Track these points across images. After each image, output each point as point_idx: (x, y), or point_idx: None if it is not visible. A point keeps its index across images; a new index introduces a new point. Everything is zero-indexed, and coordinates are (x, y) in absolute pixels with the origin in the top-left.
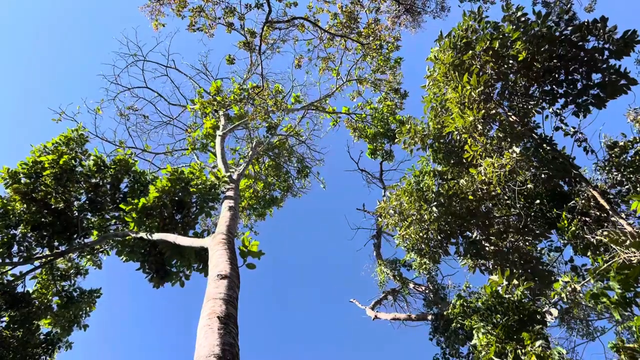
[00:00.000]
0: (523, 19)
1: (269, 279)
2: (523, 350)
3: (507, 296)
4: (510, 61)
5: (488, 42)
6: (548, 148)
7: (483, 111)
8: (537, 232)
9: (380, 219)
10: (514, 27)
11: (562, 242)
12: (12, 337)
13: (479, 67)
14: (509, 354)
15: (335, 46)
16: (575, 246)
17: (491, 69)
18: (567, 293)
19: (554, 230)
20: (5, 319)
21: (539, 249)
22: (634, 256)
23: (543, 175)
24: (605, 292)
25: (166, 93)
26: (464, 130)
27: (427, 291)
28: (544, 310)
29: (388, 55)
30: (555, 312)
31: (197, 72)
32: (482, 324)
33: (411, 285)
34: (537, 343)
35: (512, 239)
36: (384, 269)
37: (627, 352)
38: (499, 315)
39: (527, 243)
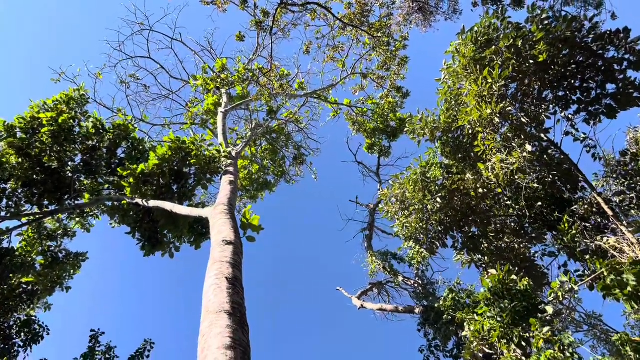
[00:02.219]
0: (547, 21)
1: (255, 265)
2: (529, 335)
3: (512, 285)
4: (531, 61)
5: (512, 40)
6: (554, 153)
7: (501, 105)
8: (533, 235)
9: (374, 211)
10: (539, 28)
11: (556, 247)
12: None
13: (499, 63)
14: (515, 338)
15: (345, 35)
16: (571, 250)
17: (512, 66)
18: (563, 293)
19: (550, 235)
20: None
21: (532, 252)
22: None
23: (549, 179)
24: (620, 283)
25: (168, 66)
26: (478, 124)
27: (415, 285)
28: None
29: (395, 53)
30: (550, 309)
31: (202, 48)
32: (486, 308)
33: (400, 278)
34: (545, 329)
35: (508, 240)
36: (376, 260)
37: (632, 345)
38: (507, 301)
39: (521, 245)
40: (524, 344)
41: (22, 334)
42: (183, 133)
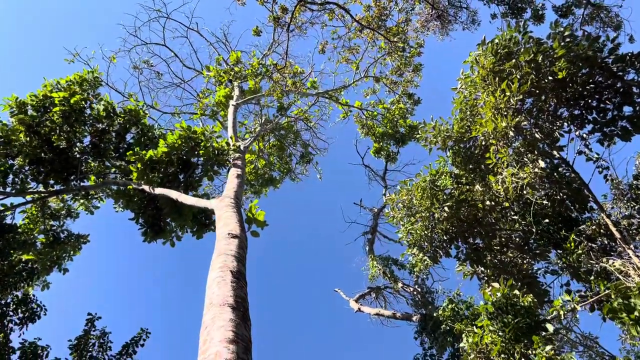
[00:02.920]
0: (569, 39)
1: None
2: (531, 352)
3: (515, 300)
4: (549, 77)
5: (532, 55)
6: (564, 171)
7: (517, 119)
8: (537, 251)
9: (378, 215)
10: (561, 45)
11: (559, 265)
12: None
13: (518, 77)
14: (516, 354)
15: (361, 38)
16: (574, 270)
17: (531, 81)
18: (565, 312)
19: (554, 253)
20: None
21: (535, 268)
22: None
23: (558, 197)
24: (627, 307)
25: (182, 55)
26: (491, 136)
27: (414, 292)
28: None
29: (409, 60)
30: (550, 327)
31: (217, 39)
32: (487, 322)
33: (400, 285)
34: (548, 347)
35: (511, 255)
36: (376, 264)
37: None
38: (510, 316)
39: (524, 261)
40: None
41: (19, 311)
42: (192, 123)
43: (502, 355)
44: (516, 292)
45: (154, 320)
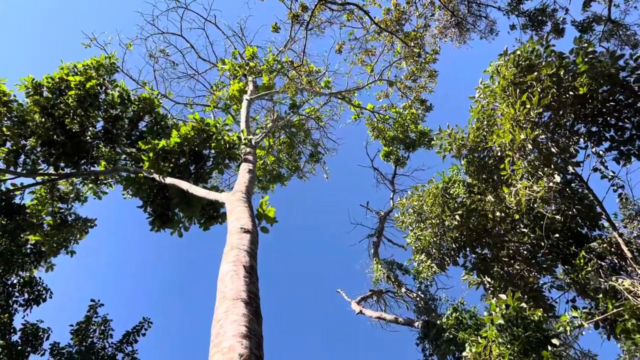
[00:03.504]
0: (591, 55)
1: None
2: None
3: (525, 313)
4: (570, 92)
5: (555, 68)
6: (577, 187)
7: (536, 132)
8: (544, 265)
9: (384, 218)
10: (585, 60)
11: (565, 281)
12: (0, 242)
13: (539, 90)
14: None
15: (379, 41)
16: (581, 287)
17: (552, 95)
18: (571, 328)
19: (561, 268)
20: None
21: (541, 282)
22: None
23: (570, 212)
24: None
25: (197, 47)
26: (508, 147)
27: (418, 299)
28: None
29: (424, 65)
30: (556, 342)
31: (233, 33)
32: (493, 332)
33: (403, 290)
34: None
35: (518, 267)
36: (381, 268)
37: None
38: (520, 329)
39: (530, 274)
40: None
41: (26, 292)
42: (204, 115)
43: None
44: (523, 304)
45: (155, 310)
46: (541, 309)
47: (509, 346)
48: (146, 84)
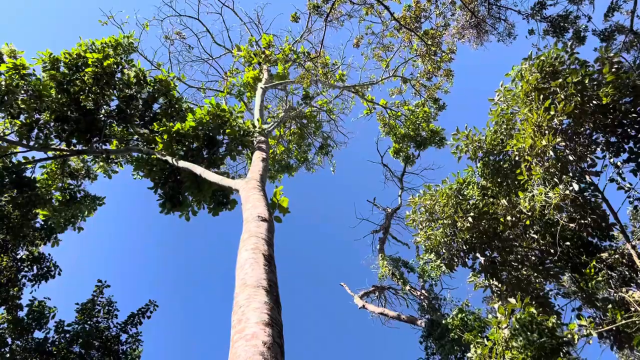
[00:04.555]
0: (617, 66)
1: None
2: None
3: (540, 319)
4: (594, 102)
5: (580, 77)
6: (590, 197)
7: (558, 139)
8: (552, 272)
9: (391, 215)
10: (612, 71)
11: (571, 289)
12: (11, 215)
13: (562, 97)
14: None
15: (397, 37)
16: (588, 296)
17: (575, 103)
18: (579, 336)
19: (568, 276)
20: (6, 197)
21: (547, 289)
22: None
23: (584, 221)
24: None
25: (213, 32)
26: (527, 152)
27: (422, 297)
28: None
29: (439, 64)
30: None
31: (250, 20)
32: (512, 338)
33: (407, 287)
34: None
35: (525, 273)
36: (387, 264)
37: None
38: (535, 335)
39: (537, 280)
40: None
41: (35, 268)
42: (217, 100)
43: None
44: (532, 310)
45: (160, 293)
46: (555, 316)
47: (522, 350)
48: (160, 65)
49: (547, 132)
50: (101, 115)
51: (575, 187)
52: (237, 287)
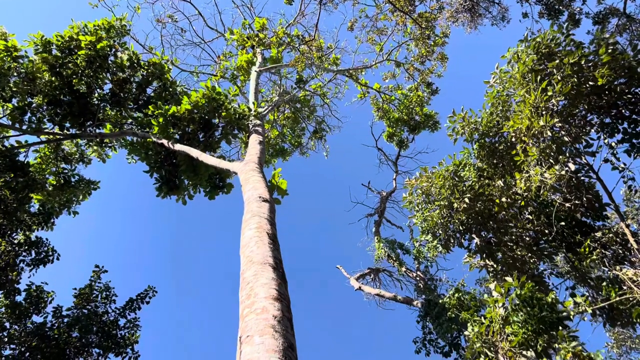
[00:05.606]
0: (612, 47)
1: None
2: (558, 345)
3: (540, 295)
4: (590, 83)
5: (577, 58)
6: (583, 177)
7: (555, 120)
8: (546, 253)
9: (386, 199)
10: (608, 52)
11: (564, 269)
12: (7, 199)
13: (559, 78)
14: (539, 347)
15: (390, 21)
16: (581, 275)
17: (572, 84)
18: (574, 313)
19: (562, 256)
20: (1, 181)
21: (541, 269)
22: None
23: (578, 201)
24: None
25: (205, 15)
26: (523, 133)
27: (417, 278)
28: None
29: (433, 48)
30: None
31: (242, 3)
32: (512, 313)
33: (403, 269)
34: (573, 343)
35: (519, 253)
36: (382, 246)
37: None
38: (536, 310)
39: (531, 260)
40: (546, 352)
41: (33, 252)
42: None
43: (522, 347)
44: (529, 287)
45: (159, 278)
46: (554, 291)
47: (522, 325)
48: (152, 49)
49: (544, 113)
50: (94, 99)
51: (572, 167)
52: (243, 265)
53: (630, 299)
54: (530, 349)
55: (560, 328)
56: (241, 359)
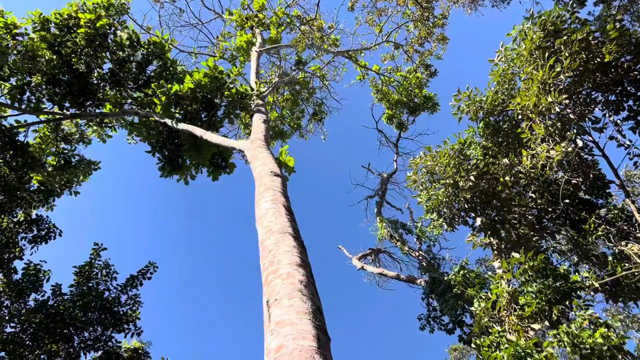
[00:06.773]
0: (619, 24)
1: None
2: (574, 313)
3: (553, 266)
4: (597, 59)
5: (585, 34)
6: (586, 156)
7: (563, 96)
8: (549, 230)
9: (387, 180)
10: (616, 28)
11: (568, 247)
12: (8, 176)
13: (567, 54)
14: (554, 316)
15: (391, 1)
16: (584, 252)
17: (580, 60)
18: (582, 287)
19: (564, 234)
20: (0, 160)
21: (543, 247)
22: None
23: (581, 179)
24: None
25: None
26: (530, 110)
27: (420, 257)
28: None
29: (432, 30)
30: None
31: None
32: (528, 283)
33: (406, 248)
34: (589, 311)
35: (522, 231)
36: (385, 226)
37: None
38: (550, 280)
39: (534, 238)
40: (560, 320)
41: (35, 229)
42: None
43: (536, 316)
44: (536, 261)
45: (159, 254)
46: (565, 263)
47: (536, 295)
48: (150, 29)
49: (552, 89)
50: (94, 78)
51: (580, 143)
52: (262, 234)
53: (636, 273)
54: (540, 321)
55: (574, 297)
56: (271, 321)
